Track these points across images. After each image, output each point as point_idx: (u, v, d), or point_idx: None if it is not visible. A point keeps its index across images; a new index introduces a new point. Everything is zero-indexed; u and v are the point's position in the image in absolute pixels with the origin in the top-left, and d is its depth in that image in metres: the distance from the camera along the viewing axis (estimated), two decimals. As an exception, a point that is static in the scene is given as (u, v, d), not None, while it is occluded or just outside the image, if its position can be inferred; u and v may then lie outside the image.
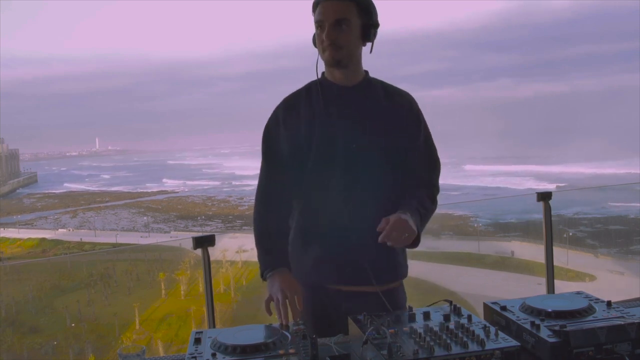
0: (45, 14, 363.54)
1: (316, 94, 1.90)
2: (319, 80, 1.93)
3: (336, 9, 1.80)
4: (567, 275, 15.20)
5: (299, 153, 1.87)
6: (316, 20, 1.84)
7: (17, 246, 36.26)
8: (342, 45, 1.82)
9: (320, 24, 1.82)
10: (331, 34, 1.80)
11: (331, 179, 1.87)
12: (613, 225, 22.71)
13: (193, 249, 2.83)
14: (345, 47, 1.83)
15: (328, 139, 1.85)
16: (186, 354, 1.47)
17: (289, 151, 1.89)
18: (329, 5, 1.81)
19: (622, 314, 1.54)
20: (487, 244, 18.72)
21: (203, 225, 41.26)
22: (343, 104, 1.89)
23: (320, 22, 1.82)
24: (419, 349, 1.34)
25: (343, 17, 1.80)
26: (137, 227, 41.77)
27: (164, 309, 16.38)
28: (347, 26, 1.81)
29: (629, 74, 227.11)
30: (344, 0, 1.81)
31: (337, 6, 1.80)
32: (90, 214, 48.81)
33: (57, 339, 14.54)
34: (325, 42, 1.82)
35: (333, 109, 1.88)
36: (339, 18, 1.80)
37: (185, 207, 49.33)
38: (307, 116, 1.88)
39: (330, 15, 1.80)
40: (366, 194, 1.88)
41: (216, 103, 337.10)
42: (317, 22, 1.84)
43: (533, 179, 48.34)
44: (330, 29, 1.80)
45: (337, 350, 1.53)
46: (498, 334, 1.42)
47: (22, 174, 78.97)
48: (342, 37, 1.81)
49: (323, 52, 1.85)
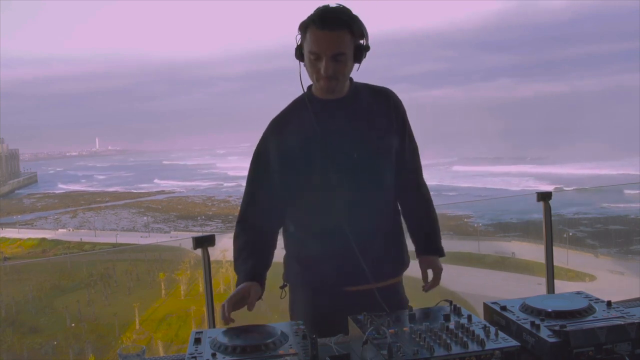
0: (45, 14, 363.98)
1: (305, 109, 1.89)
2: (307, 95, 1.92)
3: (333, 41, 1.75)
4: (567, 275, 15.20)
5: (293, 170, 1.87)
6: (310, 51, 1.78)
7: (17, 246, 36.27)
8: (338, 78, 1.81)
9: (317, 55, 1.78)
10: (329, 68, 1.77)
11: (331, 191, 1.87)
12: (613, 225, 22.72)
13: (193, 249, 2.83)
14: (340, 79, 1.83)
15: (326, 152, 1.85)
16: (186, 354, 1.46)
17: (282, 167, 1.88)
18: (325, 37, 1.75)
19: (622, 314, 1.54)
20: (487, 244, 18.73)
21: (203, 225, 41.27)
22: (334, 115, 1.89)
23: (315, 53, 1.77)
24: (419, 349, 1.34)
25: (340, 51, 1.76)
26: (137, 227, 41.79)
27: (164, 309, 16.38)
28: (343, 58, 1.78)
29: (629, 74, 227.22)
30: (339, 30, 1.75)
31: (334, 38, 1.75)
32: (90, 214, 48.82)
33: (57, 339, 14.54)
34: (322, 74, 1.79)
35: (325, 122, 1.88)
36: (337, 52, 1.76)
37: (185, 207, 49.34)
38: (300, 132, 1.88)
39: (327, 48, 1.75)
40: (365, 196, 1.90)
41: (216, 103, 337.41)
42: (311, 52, 1.78)
43: (532, 179, 48.33)
44: (327, 63, 1.77)
45: (337, 350, 1.53)
46: (498, 334, 1.42)
47: (22, 174, 78.98)
48: (339, 69, 1.79)
49: (317, 81, 1.83)
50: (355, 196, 1.88)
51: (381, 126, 1.92)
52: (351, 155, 1.87)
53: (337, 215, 1.86)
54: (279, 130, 1.91)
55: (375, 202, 1.92)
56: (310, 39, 1.77)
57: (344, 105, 1.90)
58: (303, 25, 1.80)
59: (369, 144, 1.89)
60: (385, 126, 1.93)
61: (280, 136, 1.90)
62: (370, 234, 1.90)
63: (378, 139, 1.91)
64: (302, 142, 1.87)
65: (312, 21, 1.77)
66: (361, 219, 1.88)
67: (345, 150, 1.87)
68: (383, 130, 1.92)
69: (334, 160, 1.85)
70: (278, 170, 1.89)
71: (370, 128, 1.90)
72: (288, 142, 1.88)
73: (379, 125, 1.92)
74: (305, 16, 1.82)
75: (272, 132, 1.92)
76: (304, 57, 1.84)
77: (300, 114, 1.90)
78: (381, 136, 1.91)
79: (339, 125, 1.88)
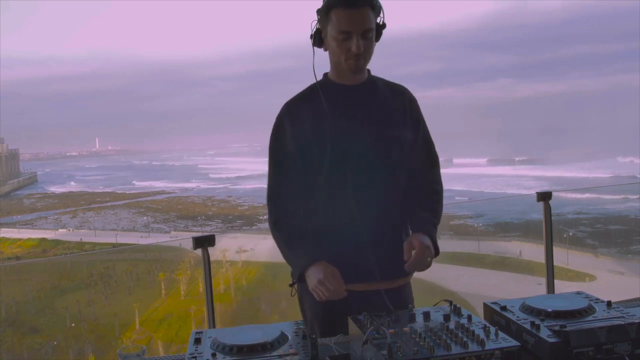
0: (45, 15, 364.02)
1: (322, 93, 1.87)
2: (323, 82, 1.92)
3: (364, 18, 1.77)
4: (567, 275, 15.22)
5: (309, 154, 1.86)
6: (341, 30, 1.78)
7: (17, 246, 36.26)
8: (366, 56, 1.83)
9: (347, 34, 1.78)
10: (361, 45, 1.78)
11: (344, 179, 1.85)
12: (613, 225, 22.75)
13: (193, 249, 2.83)
14: (367, 57, 1.84)
15: (340, 139, 1.84)
16: (186, 354, 1.47)
17: (298, 153, 1.87)
18: (356, 15, 1.77)
19: (622, 314, 1.54)
20: (487, 244, 18.75)
21: (203, 225, 41.26)
22: (351, 103, 1.89)
23: (346, 32, 1.78)
24: (419, 349, 1.34)
25: (370, 27, 1.78)
26: (137, 227, 41.77)
27: (164, 309, 16.39)
28: (371, 35, 1.80)
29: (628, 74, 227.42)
30: (365, 7, 1.77)
31: (363, 16, 1.77)
32: (90, 214, 48.80)
33: (57, 339, 14.55)
34: (353, 52, 1.79)
35: (341, 109, 1.87)
36: (367, 28, 1.78)
37: (185, 207, 49.33)
38: (315, 118, 1.87)
39: (359, 25, 1.77)
40: (375, 192, 1.89)
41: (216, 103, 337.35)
42: (341, 32, 1.78)
43: (531, 179, 48.32)
44: (359, 40, 1.77)
45: (337, 350, 1.53)
46: (498, 334, 1.41)
47: (22, 174, 78.93)
48: (367, 46, 1.81)
49: (345, 61, 1.82)
50: (365, 188, 1.86)
51: (396, 119, 1.92)
52: (362, 144, 1.86)
53: (347, 207, 1.85)
54: (295, 114, 1.90)
55: (384, 197, 1.90)
56: (337, 19, 1.77)
57: (361, 92, 1.90)
58: (324, 9, 1.80)
59: (383, 135, 1.88)
60: (399, 120, 1.92)
61: (296, 120, 1.88)
62: (380, 229, 1.89)
63: (392, 131, 1.90)
64: (316, 127, 1.86)
65: (335, 2, 1.77)
66: (371, 213, 1.86)
67: (356, 136, 1.86)
68: (397, 124, 1.91)
69: (345, 144, 1.84)
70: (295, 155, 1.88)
71: (385, 119, 1.90)
72: (303, 126, 1.87)
73: (394, 117, 1.92)
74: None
75: (288, 115, 1.91)
76: (321, 42, 1.85)
77: (314, 96, 1.88)
78: (395, 129, 1.91)
79: (352, 111, 1.88)
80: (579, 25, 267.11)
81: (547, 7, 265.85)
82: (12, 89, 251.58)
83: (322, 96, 1.87)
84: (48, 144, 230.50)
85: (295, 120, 1.88)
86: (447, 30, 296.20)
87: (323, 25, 1.82)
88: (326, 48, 1.86)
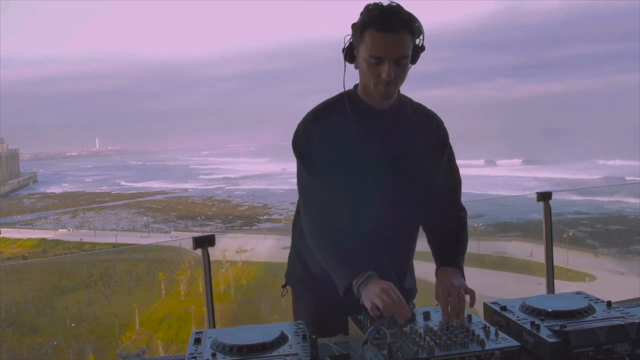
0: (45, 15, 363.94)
1: (349, 108, 1.80)
2: (352, 96, 1.83)
3: (397, 44, 1.67)
4: (567, 275, 15.22)
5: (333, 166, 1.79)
6: (371, 55, 1.68)
7: (17, 246, 36.24)
8: (397, 83, 1.75)
9: (379, 59, 1.69)
10: (392, 73, 1.69)
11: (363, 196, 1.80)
12: (613, 225, 22.75)
13: (193, 249, 2.84)
14: (399, 83, 1.77)
15: (363, 159, 1.79)
16: (186, 354, 1.47)
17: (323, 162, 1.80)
18: (391, 40, 1.66)
19: (622, 314, 1.54)
20: (487, 244, 18.72)
21: (203, 225, 41.23)
22: (377, 125, 1.82)
23: (377, 58, 1.69)
24: (419, 349, 1.34)
25: (405, 54, 1.69)
26: (137, 227, 41.73)
27: (164, 309, 16.38)
28: (405, 62, 1.72)
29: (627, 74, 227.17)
30: (401, 32, 1.67)
31: (399, 41, 1.67)
32: (90, 214, 48.76)
33: (57, 339, 14.54)
34: (383, 79, 1.70)
35: (367, 128, 1.81)
36: (400, 56, 1.69)
37: (185, 207, 49.30)
38: (341, 131, 1.80)
39: (392, 52, 1.67)
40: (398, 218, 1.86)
41: (216, 103, 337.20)
42: (373, 56, 1.68)
43: (530, 179, 48.30)
44: (390, 67, 1.68)
45: (337, 350, 1.53)
46: (498, 334, 1.42)
47: (22, 174, 78.93)
48: (400, 73, 1.72)
49: (375, 86, 1.74)
50: (382, 213, 1.83)
51: (419, 145, 1.85)
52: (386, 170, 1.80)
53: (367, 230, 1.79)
54: (322, 123, 1.82)
55: (400, 223, 1.88)
56: (370, 42, 1.68)
57: (388, 118, 1.83)
58: (359, 26, 1.71)
59: (405, 164, 1.83)
60: (424, 146, 1.86)
61: (323, 129, 1.80)
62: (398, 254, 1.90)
63: (416, 160, 1.84)
64: (340, 140, 1.79)
65: (371, 22, 1.67)
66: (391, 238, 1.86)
67: (379, 158, 1.80)
68: (422, 152, 1.85)
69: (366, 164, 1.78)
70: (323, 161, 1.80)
71: (411, 146, 1.84)
72: (329, 137, 1.79)
73: (418, 144, 1.85)
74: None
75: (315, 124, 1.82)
76: (353, 58, 1.77)
77: (342, 109, 1.81)
78: (419, 158, 1.85)
79: (377, 133, 1.81)
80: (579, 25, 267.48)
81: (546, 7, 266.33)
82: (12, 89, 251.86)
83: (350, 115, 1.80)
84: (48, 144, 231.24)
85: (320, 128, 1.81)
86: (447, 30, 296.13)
87: (356, 42, 1.73)
88: (357, 66, 1.78)
